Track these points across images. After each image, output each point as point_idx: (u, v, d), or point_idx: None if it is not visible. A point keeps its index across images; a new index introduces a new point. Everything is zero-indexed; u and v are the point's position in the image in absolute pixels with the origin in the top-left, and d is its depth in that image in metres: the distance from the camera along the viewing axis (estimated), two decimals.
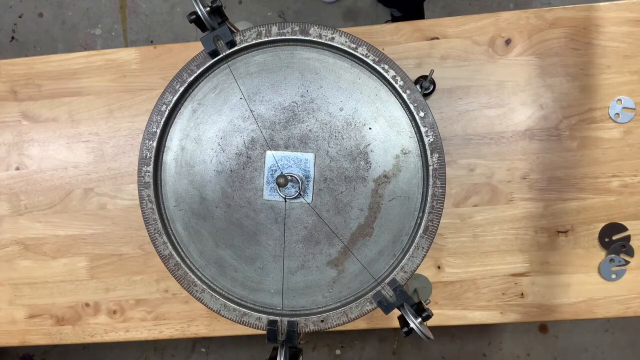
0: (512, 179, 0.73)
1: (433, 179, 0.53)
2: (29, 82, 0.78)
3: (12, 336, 0.80)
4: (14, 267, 0.79)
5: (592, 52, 0.72)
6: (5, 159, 0.79)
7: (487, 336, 1.57)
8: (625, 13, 0.71)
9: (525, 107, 0.72)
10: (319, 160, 0.55)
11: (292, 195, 0.55)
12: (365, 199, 0.55)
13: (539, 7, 0.74)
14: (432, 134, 0.53)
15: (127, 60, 0.77)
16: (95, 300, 0.79)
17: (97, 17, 1.64)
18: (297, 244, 0.56)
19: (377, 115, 0.55)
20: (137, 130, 0.77)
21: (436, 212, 0.53)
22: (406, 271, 0.53)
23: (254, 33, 0.55)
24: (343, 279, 0.56)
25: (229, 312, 0.55)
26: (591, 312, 0.73)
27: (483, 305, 0.74)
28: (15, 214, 0.79)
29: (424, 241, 0.53)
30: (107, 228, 0.78)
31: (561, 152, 0.72)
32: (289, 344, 0.53)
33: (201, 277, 0.56)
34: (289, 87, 0.56)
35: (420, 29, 0.73)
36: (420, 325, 0.49)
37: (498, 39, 0.72)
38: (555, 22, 0.72)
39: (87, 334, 0.79)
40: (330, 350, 1.59)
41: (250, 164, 0.56)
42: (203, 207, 0.57)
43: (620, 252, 0.72)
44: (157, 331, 0.78)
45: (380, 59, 0.53)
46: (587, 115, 0.72)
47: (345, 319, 0.54)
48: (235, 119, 0.56)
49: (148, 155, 0.56)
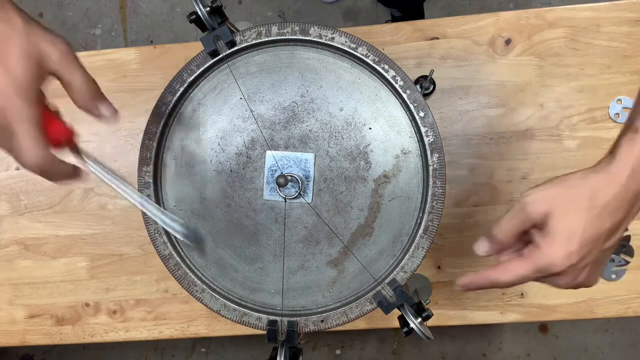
0: (512, 179, 0.73)
1: (433, 179, 0.53)
2: None
3: (12, 336, 0.80)
4: (14, 267, 0.79)
5: (592, 52, 0.72)
6: (6, 159, 0.79)
7: (487, 336, 1.57)
8: (626, 13, 0.71)
9: (525, 107, 0.72)
10: (319, 160, 0.55)
11: (292, 195, 0.55)
12: (365, 199, 0.55)
13: (539, 7, 0.74)
14: (432, 134, 0.53)
15: (127, 60, 0.77)
16: (95, 300, 0.79)
17: (97, 17, 1.64)
18: (297, 244, 0.56)
19: (377, 115, 0.55)
20: (137, 130, 0.77)
21: (436, 212, 0.53)
22: (406, 271, 0.53)
23: (254, 33, 0.55)
24: (343, 279, 0.56)
25: (229, 312, 0.55)
26: (591, 312, 0.73)
27: (483, 305, 0.74)
28: (15, 214, 0.79)
29: (424, 241, 0.53)
30: (107, 228, 0.78)
31: (561, 152, 0.72)
32: (289, 344, 0.53)
33: (201, 277, 0.56)
34: (289, 87, 0.56)
35: (420, 29, 0.73)
36: (420, 325, 0.49)
37: (498, 39, 0.72)
38: (555, 22, 0.72)
39: (87, 334, 0.79)
40: (330, 350, 1.60)
41: (250, 164, 0.56)
42: (203, 207, 0.57)
43: (620, 252, 0.72)
44: (157, 331, 0.78)
45: (380, 59, 0.53)
46: (587, 115, 0.72)
47: (345, 319, 0.54)
48: (235, 119, 0.56)
49: (148, 155, 0.56)
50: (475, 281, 0.42)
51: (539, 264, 0.38)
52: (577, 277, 0.39)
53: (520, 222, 0.40)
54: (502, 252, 0.43)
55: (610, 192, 0.37)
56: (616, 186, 0.37)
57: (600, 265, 0.41)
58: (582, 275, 0.39)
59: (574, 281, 0.40)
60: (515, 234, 0.41)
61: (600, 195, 0.37)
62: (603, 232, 0.38)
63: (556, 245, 0.38)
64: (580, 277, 0.39)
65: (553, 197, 0.38)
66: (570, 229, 0.37)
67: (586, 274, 0.40)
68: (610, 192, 0.37)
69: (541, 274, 0.39)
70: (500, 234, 0.41)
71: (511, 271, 0.40)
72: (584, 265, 0.39)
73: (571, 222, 0.37)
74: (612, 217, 0.37)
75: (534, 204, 0.39)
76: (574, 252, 0.37)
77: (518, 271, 0.39)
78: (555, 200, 0.38)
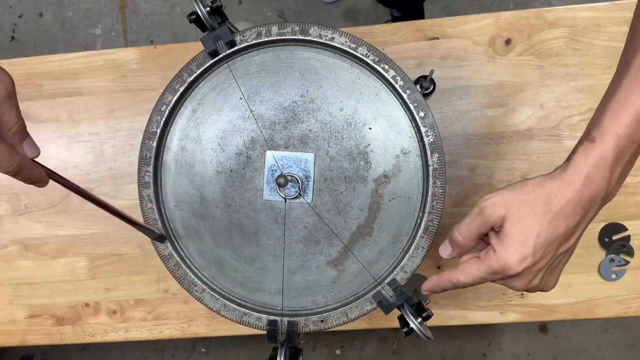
0: (512, 179, 0.73)
1: (433, 179, 0.53)
2: (29, 82, 0.78)
3: (12, 336, 0.80)
4: (14, 267, 0.79)
5: (592, 52, 0.72)
6: None
7: (487, 336, 1.57)
8: (625, 13, 0.71)
9: (525, 107, 0.72)
10: (319, 160, 0.55)
11: (292, 195, 0.55)
12: (365, 199, 0.55)
13: (539, 7, 0.74)
14: (432, 134, 0.53)
15: (127, 60, 0.77)
16: (95, 300, 0.79)
17: (97, 17, 1.64)
18: (297, 244, 0.56)
19: (377, 115, 0.55)
20: (137, 130, 0.77)
21: (436, 212, 0.53)
22: (406, 271, 0.53)
23: (254, 33, 0.55)
24: (343, 279, 0.56)
25: (229, 312, 0.55)
26: (591, 312, 0.73)
27: (483, 305, 0.74)
28: (15, 214, 0.79)
29: (424, 241, 0.53)
30: (107, 228, 0.78)
31: (561, 152, 0.72)
32: (289, 344, 0.53)
33: (201, 277, 0.56)
34: (289, 87, 0.56)
35: (420, 29, 0.73)
36: (420, 325, 0.49)
37: (498, 39, 0.72)
38: (555, 22, 0.72)
39: (87, 334, 0.79)
40: (330, 350, 1.60)
41: (250, 164, 0.56)
42: (203, 207, 0.57)
43: (620, 252, 0.72)
44: (157, 331, 0.78)
45: (380, 59, 0.53)
46: (587, 115, 0.72)
47: (345, 319, 0.54)
48: (235, 119, 0.56)
49: (148, 155, 0.56)
50: (438, 284, 0.44)
51: (494, 266, 0.40)
52: (533, 280, 0.41)
53: (478, 226, 0.41)
54: (463, 255, 0.45)
55: (564, 197, 0.38)
56: (570, 192, 0.38)
57: (557, 270, 0.42)
58: (536, 279, 0.41)
59: (529, 284, 0.41)
60: (475, 237, 0.42)
61: (555, 200, 0.38)
62: (557, 237, 0.39)
63: (511, 249, 0.39)
64: (535, 280, 0.41)
65: (510, 202, 0.40)
66: (525, 233, 0.39)
67: (541, 278, 0.41)
68: (564, 197, 0.38)
69: (497, 276, 0.41)
70: (460, 237, 0.43)
71: (469, 273, 0.42)
72: (538, 268, 0.40)
73: (526, 226, 0.39)
74: (567, 221, 0.39)
75: (491, 208, 0.40)
76: (528, 256, 0.39)
77: (475, 272, 0.41)
78: (512, 204, 0.39)
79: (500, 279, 0.41)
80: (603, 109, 0.39)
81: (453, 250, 0.45)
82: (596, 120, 0.39)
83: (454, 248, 0.44)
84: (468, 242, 0.43)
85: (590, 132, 0.39)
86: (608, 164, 0.37)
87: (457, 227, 0.43)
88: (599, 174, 0.38)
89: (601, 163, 0.37)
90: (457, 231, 0.43)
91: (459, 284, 0.43)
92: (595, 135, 0.38)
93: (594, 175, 0.38)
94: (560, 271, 0.43)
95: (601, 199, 0.39)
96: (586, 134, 0.39)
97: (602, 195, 0.38)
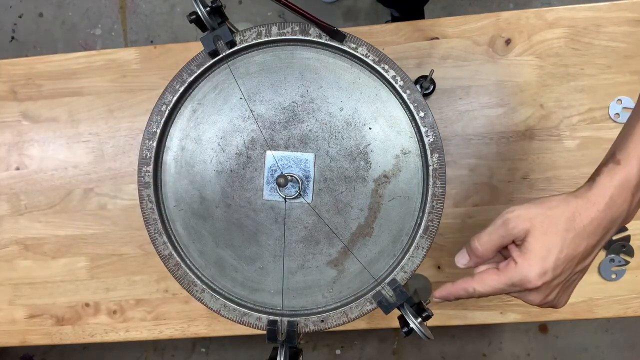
0: (512, 179, 0.73)
1: (433, 179, 0.53)
2: (29, 82, 0.78)
3: (12, 336, 0.80)
4: (14, 267, 0.79)
5: (592, 52, 0.72)
6: (5, 159, 0.79)
7: (487, 336, 1.57)
8: (625, 13, 0.71)
9: (525, 107, 0.72)
10: (319, 160, 0.55)
11: (292, 195, 0.55)
12: (365, 199, 0.55)
13: (539, 7, 0.74)
14: (432, 134, 0.53)
15: (127, 60, 0.77)
16: (95, 300, 0.79)
17: (97, 17, 1.64)
18: (297, 244, 0.56)
19: (377, 115, 0.55)
20: (137, 130, 0.77)
21: (436, 212, 0.53)
22: (406, 271, 0.53)
23: (254, 33, 0.55)
24: (343, 279, 0.56)
25: (229, 312, 0.55)
26: (591, 312, 0.73)
27: (483, 305, 0.74)
28: (15, 214, 0.79)
29: (424, 241, 0.53)
30: (107, 228, 0.78)
31: (561, 152, 0.72)
32: (289, 344, 0.53)
33: (201, 277, 0.56)
34: (289, 87, 0.55)
35: (420, 29, 0.73)
36: (420, 325, 0.49)
37: (498, 39, 0.72)
38: (555, 22, 0.72)
39: (87, 334, 0.79)
40: (330, 350, 1.60)
41: (250, 164, 0.56)
42: (203, 207, 0.57)
43: (620, 252, 0.72)
44: (157, 331, 0.78)
45: (380, 59, 0.53)
46: (587, 115, 0.72)
47: (345, 319, 0.54)
48: (235, 119, 0.56)
49: (148, 155, 0.56)
50: (452, 292, 0.44)
51: (514, 279, 0.40)
52: (549, 295, 0.41)
53: (500, 237, 0.41)
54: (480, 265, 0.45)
55: (588, 216, 0.39)
56: (594, 211, 0.38)
57: (570, 288, 0.43)
58: (552, 294, 0.41)
59: (545, 299, 0.41)
60: (495, 248, 0.42)
61: (579, 218, 0.39)
62: (577, 254, 0.39)
63: (532, 262, 0.39)
64: (551, 295, 0.41)
65: (534, 216, 0.40)
66: (547, 248, 0.39)
67: (556, 294, 0.41)
68: (588, 216, 0.39)
69: (515, 288, 0.41)
70: (480, 247, 0.42)
71: (487, 283, 0.41)
72: (556, 284, 0.40)
73: (549, 241, 0.39)
74: (587, 240, 0.39)
75: (515, 220, 0.40)
76: (549, 270, 0.39)
77: (493, 284, 0.41)
78: (536, 218, 0.40)
79: (517, 292, 0.41)
80: (628, 133, 0.39)
81: (470, 260, 0.44)
82: (621, 143, 0.39)
83: (472, 257, 0.44)
84: (488, 252, 0.42)
85: (614, 154, 0.39)
86: (632, 187, 0.38)
87: (478, 237, 0.42)
88: (622, 196, 0.38)
89: (625, 185, 0.38)
90: (477, 241, 0.42)
91: (474, 293, 0.42)
92: (620, 158, 0.38)
93: (617, 197, 0.38)
94: (573, 289, 0.43)
95: (621, 221, 0.39)
96: (610, 156, 0.40)
97: (622, 217, 0.39)
